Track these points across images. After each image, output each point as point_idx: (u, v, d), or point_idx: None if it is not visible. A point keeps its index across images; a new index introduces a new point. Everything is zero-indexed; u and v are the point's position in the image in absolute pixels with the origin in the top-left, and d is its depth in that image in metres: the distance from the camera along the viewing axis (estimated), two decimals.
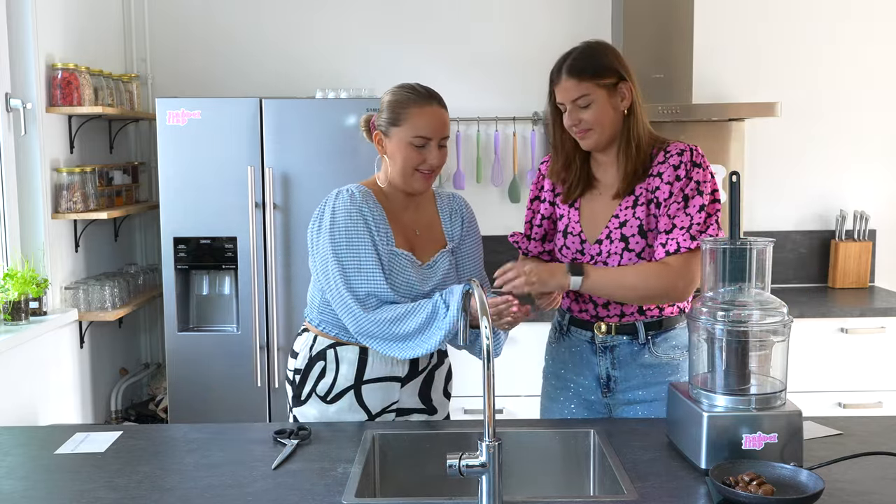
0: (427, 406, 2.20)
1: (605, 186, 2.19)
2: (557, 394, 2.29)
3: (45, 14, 3.35)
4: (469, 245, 2.28)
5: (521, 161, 4.16)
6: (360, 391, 2.13)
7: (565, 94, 2.10)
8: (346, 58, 4.13)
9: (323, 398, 2.14)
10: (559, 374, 2.28)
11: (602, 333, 2.17)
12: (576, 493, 1.97)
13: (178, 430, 2.12)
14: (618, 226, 2.13)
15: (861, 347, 3.59)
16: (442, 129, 2.10)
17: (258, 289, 3.54)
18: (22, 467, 1.84)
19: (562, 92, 2.11)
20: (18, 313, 3.09)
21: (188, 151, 3.50)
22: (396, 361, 2.13)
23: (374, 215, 2.09)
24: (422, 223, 2.21)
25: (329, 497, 1.64)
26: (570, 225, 2.21)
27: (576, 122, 2.11)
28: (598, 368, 2.19)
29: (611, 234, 2.14)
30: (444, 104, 2.14)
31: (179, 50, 4.13)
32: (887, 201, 4.19)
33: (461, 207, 2.28)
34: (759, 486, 1.53)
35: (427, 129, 2.08)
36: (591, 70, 2.08)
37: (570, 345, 2.25)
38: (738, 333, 1.73)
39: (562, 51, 2.17)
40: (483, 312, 1.54)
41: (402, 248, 2.12)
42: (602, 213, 2.17)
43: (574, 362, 2.24)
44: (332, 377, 2.14)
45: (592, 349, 2.20)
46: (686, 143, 2.13)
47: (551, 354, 2.34)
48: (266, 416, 3.58)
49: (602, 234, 2.15)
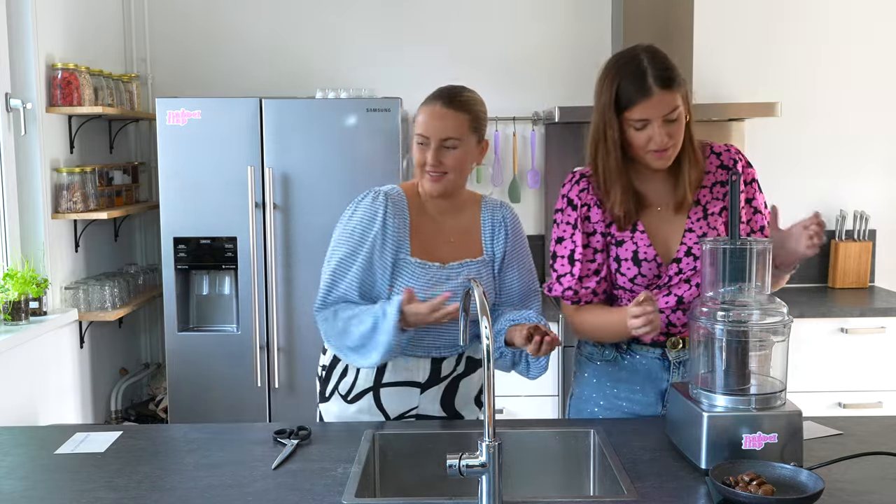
0: (450, 415, 2.15)
1: (662, 201, 2.05)
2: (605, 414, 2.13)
3: (45, 14, 3.35)
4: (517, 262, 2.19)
5: (521, 161, 4.16)
6: (378, 394, 2.12)
7: (658, 110, 1.90)
8: (346, 58, 4.13)
9: (344, 397, 2.15)
10: (609, 393, 2.12)
11: (677, 349, 2.05)
12: (576, 493, 1.97)
13: (178, 430, 2.12)
14: (697, 240, 2.00)
15: (861, 347, 3.59)
16: (441, 129, 2.03)
17: (258, 289, 3.54)
18: (22, 467, 1.84)
19: (654, 107, 1.90)
20: (18, 313, 3.09)
21: (188, 151, 3.50)
22: (416, 366, 2.11)
23: (394, 221, 2.07)
24: (458, 229, 2.16)
25: (329, 497, 1.64)
26: (642, 250, 2.01)
27: (666, 139, 1.92)
28: (667, 384, 2.06)
29: (690, 249, 2.01)
30: (459, 104, 2.06)
31: (179, 50, 4.13)
32: (887, 201, 4.19)
33: (506, 219, 2.18)
34: (759, 486, 1.53)
35: (423, 127, 2.05)
36: (676, 78, 1.93)
37: (633, 364, 2.09)
38: (738, 333, 1.73)
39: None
40: (483, 313, 1.54)
41: (420, 256, 2.08)
42: (670, 230, 2.04)
43: (636, 381, 2.10)
44: (353, 377, 2.14)
45: (664, 365, 2.07)
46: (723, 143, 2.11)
47: (602, 376, 2.13)
48: (266, 416, 3.58)
49: (680, 252, 2.02)
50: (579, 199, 2.07)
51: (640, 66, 1.93)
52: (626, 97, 1.92)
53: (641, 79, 1.91)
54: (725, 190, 2.03)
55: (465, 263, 2.12)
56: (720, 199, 2.05)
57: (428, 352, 2.11)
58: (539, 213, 4.21)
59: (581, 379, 2.20)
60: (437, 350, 2.11)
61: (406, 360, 2.10)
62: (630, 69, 1.93)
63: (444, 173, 2.06)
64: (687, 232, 2.03)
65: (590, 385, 2.16)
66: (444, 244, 2.13)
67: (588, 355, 2.18)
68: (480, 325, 1.54)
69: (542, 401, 3.58)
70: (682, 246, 2.03)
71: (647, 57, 1.94)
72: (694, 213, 2.04)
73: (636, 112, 1.92)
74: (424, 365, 2.11)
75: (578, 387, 2.20)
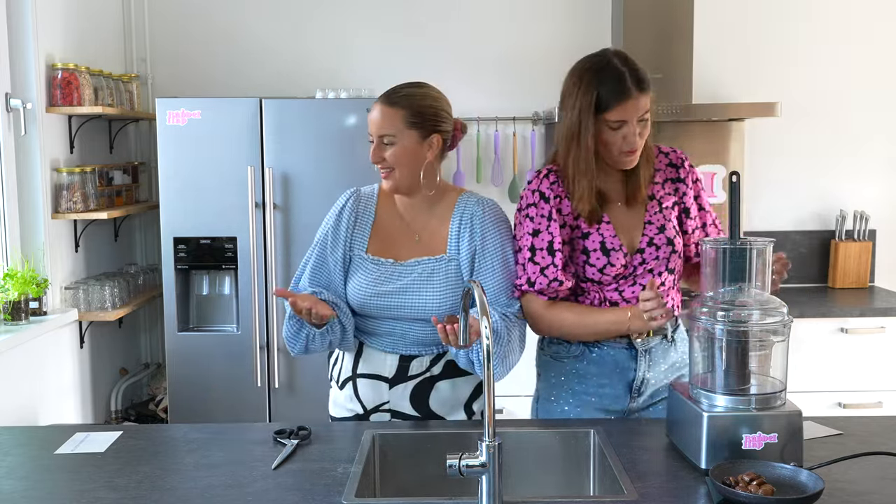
0: (423, 414, 2.15)
1: (619, 197, 2.13)
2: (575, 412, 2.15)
3: (45, 14, 3.35)
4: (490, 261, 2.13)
5: (521, 161, 4.16)
6: (356, 383, 2.18)
7: (635, 111, 1.99)
8: (346, 58, 4.13)
9: (337, 381, 2.24)
10: (578, 390, 2.15)
11: (643, 338, 2.11)
12: (576, 493, 1.97)
13: (178, 430, 2.12)
14: (656, 231, 2.10)
15: (861, 347, 3.59)
16: (376, 125, 2.08)
17: (258, 289, 3.54)
18: (22, 467, 1.84)
19: (631, 109, 1.99)
20: (18, 313, 3.09)
21: (188, 151, 3.50)
22: (383, 361, 2.16)
23: (357, 219, 2.18)
24: (427, 228, 2.17)
25: (329, 497, 1.64)
26: (608, 241, 2.08)
27: (638, 139, 2.01)
28: (635, 374, 2.12)
29: (652, 240, 2.10)
30: (394, 101, 2.08)
31: (179, 50, 4.13)
32: (887, 201, 4.19)
33: (475, 217, 2.14)
34: (759, 486, 1.53)
35: (370, 127, 2.13)
36: (649, 80, 2.02)
37: (600, 357, 2.13)
38: (738, 333, 1.73)
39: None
40: (483, 313, 1.54)
41: (376, 253, 2.14)
42: (631, 223, 2.12)
43: (604, 374, 2.13)
44: (340, 364, 2.23)
45: (631, 354, 2.12)
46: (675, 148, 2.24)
47: (569, 374, 2.16)
48: (266, 416, 3.59)
49: (642, 243, 2.10)
50: (551, 191, 2.11)
51: (617, 69, 2.00)
52: (606, 99, 1.99)
53: (621, 82, 1.99)
54: (676, 186, 2.17)
55: (420, 261, 2.13)
56: (672, 195, 2.16)
57: (394, 348, 2.15)
58: None
59: (547, 380, 2.21)
60: (404, 347, 2.14)
61: (375, 353, 2.17)
62: (608, 73, 2.00)
63: (390, 169, 2.10)
64: (646, 224, 2.12)
65: (557, 385, 2.18)
66: (407, 242, 2.16)
67: (553, 355, 2.19)
68: (480, 325, 1.54)
69: None
70: (644, 237, 2.11)
71: (620, 61, 2.02)
72: (651, 207, 2.13)
73: (614, 113, 1.99)
74: (392, 360, 2.15)
75: (545, 389, 2.21)
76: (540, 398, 2.23)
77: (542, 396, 2.22)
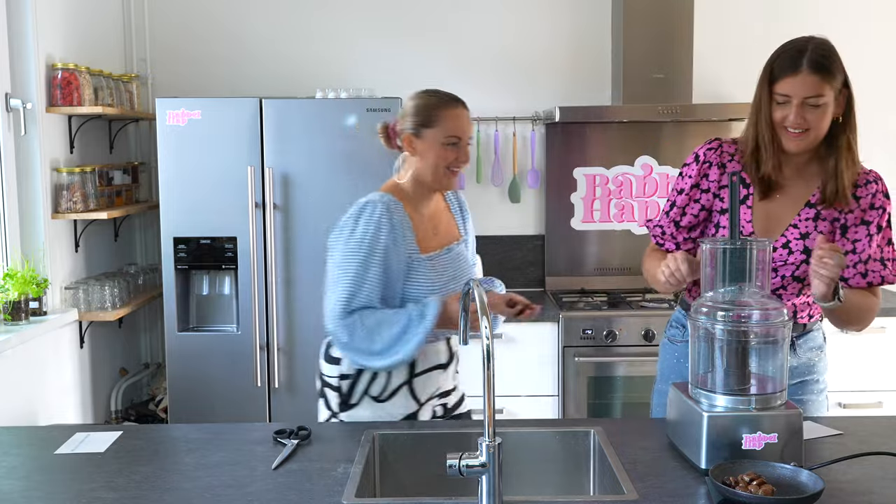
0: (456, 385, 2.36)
1: (788, 192, 2.10)
2: None
3: (45, 14, 3.35)
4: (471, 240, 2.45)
5: (521, 161, 4.16)
6: (412, 384, 2.22)
7: (801, 89, 1.97)
8: (346, 58, 4.13)
9: (376, 398, 2.21)
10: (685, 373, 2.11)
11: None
12: (576, 493, 1.97)
13: (178, 430, 2.12)
14: (799, 236, 2.07)
15: (861, 347, 3.59)
16: (469, 129, 2.26)
17: (258, 289, 3.54)
18: (22, 467, 1.84)
19: (798, 85, 1.97)
20: (18, 313, 3.09)
21: (188, 151, 3.50)
22: (438, 350, 2.25)
23: (402, 226, 2.19)
24: (441, 220, 2.34)
25: (329, 497, 1.64)
26: (741, 223, 2.04)
27: (800, 121, 1.99)
28: None
29: (789, 243, 2.08)
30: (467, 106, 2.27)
31: (179, 50, 4.13)
32: None
33: (464, 202, 2.45)
34: (759, 486, 1.53)
35: (458, 129, 2.22)
36: (831, 69, 1.98)
37: None
38: (738, 333, 1.73)
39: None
40: (483, 312, 1.54)
41: (424, 252, 2.23)
42: (778, 218, 2.09)
43: None
44: (386, 378, 2.20)
45: None
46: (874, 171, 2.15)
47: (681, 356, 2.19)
48: (266, 416, 3.58)
49: (778, 242, 2.07)
50: (705, 156, 2.17)
51: (800, 47, 2.00)
52: (777, 70, 2.01)
53: (796, 56, 1.99)
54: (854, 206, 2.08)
55: (450, 248, 2.31)
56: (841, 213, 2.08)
57: (443, 335, 2.26)
58: (539, 212, 4.21)
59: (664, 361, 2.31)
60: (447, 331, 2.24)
61: (429, 347, 2.21)
62: (791, 47, 2.02)
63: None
64: (791, 227, 2.09)
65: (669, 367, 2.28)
66: (434, 236, 2.28)
67: (671, 337, 2.30)
68: (480, 324, 1.55)
69: (542, 401, 3.58)
70: (782, 237, 2.08)
71: (814, 43, 2.01)
72: (806, 213, 2.09)
73: (781, 86, 2.00)
74: (444, 347, 2.27)
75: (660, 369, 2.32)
76: (658, 378, 2.33)
77: (659, 376, 2.32)
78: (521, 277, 4.20)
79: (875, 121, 4.16)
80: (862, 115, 4.40)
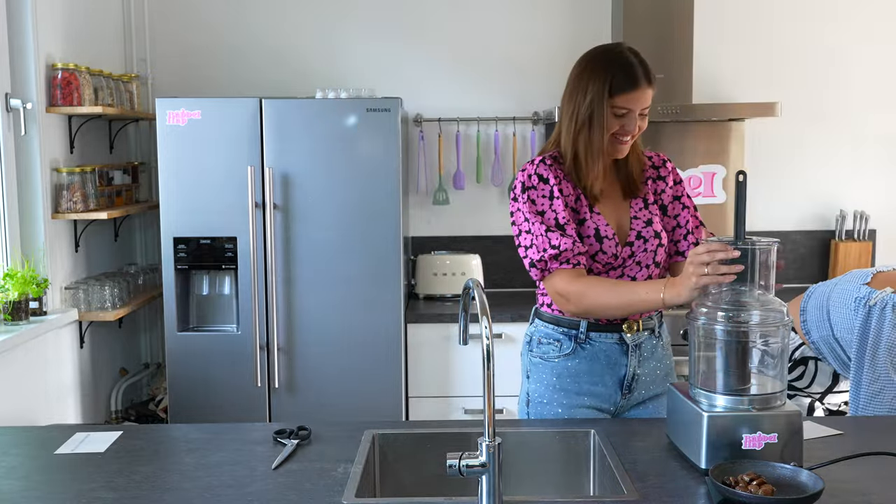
0: None
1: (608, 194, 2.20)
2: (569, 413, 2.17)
3: (45, 14, 3.35)
4: None
5: (521, 161, 4.16)
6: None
7: (640, 102, 2.09)
8: (346, 58, 4.13)
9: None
10: (571, 390, 2.17)
11: (633, 332, 2.15)
12: (576, 493, 1.97)
13: (178, 430, 2.12)
14: (643, 225, 2.18)
15: None
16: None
17: (258, 289, 3.54)
18: (22, 467, 1.84)
19: (640, 99, 2.09)
20: (18, 313, 3.09)
21: (188, 151, 3.50)
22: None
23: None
24: None
25: (329, 497, 1.64)
26: (602, 229, 2.13)
27: (636, 129, 2.12)
28: (626, 369, 2.16)
29: (640, 233, 2.17)
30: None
31: (179, 50, 4.13)
32: (887, 201, 4.19)
33: None
34: (759, 486, 1.53)
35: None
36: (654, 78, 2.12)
37: (592, 353, 2.16)
38: (739, 333, 1.73)
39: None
40: (483, 312, 1.54)
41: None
42: (619, 215, 2.19)
43: (596, 371, 2.16)
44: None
45: (622, 350, 2.15)
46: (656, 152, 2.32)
47: (561, 374, 2.17)
48: (266, 416, 3.59)
49: (631, 237, 2.16)
50: (549, 171, 2.14)
51: (629, 60, 2.10)
52: (618, 85, 2.07)
53: (633, 71, 2.08)
54: (657, 185, 2.25)
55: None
56: (653, 193, 2.24)
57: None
58: None
59: (538, 382, 2.21)
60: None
61: None
62: (622, 61, 2.10)
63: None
64: (633, 219, 2.19)
65: (550, 387, 2.19)
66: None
67: (543, 355, 2.20)
68: (480, 324, 1.55)
69: None
70: (633, 231, 2.17)
71: (633, 54, 2.12)
72: (636, 204, 2.21)
73: (622, 100, 2.08)
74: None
75: (537, 392, 2.21)
76: (531, 401, 2.22)
77: (533, 399, 2.22)
78: (521, 277, 4.19)
79: (875, 121, 4.18)
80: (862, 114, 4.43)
